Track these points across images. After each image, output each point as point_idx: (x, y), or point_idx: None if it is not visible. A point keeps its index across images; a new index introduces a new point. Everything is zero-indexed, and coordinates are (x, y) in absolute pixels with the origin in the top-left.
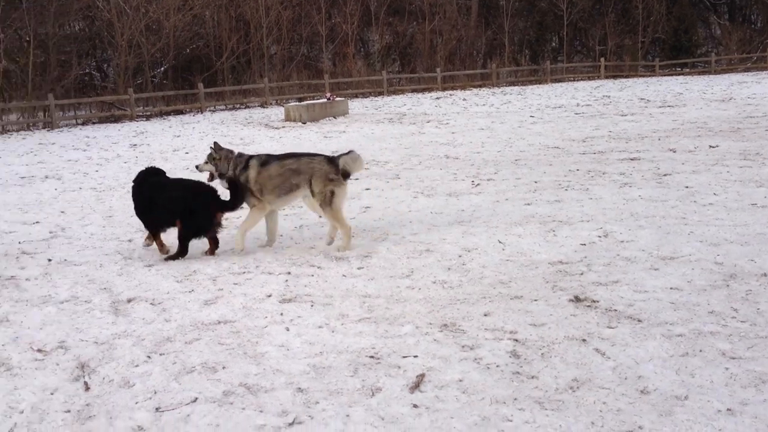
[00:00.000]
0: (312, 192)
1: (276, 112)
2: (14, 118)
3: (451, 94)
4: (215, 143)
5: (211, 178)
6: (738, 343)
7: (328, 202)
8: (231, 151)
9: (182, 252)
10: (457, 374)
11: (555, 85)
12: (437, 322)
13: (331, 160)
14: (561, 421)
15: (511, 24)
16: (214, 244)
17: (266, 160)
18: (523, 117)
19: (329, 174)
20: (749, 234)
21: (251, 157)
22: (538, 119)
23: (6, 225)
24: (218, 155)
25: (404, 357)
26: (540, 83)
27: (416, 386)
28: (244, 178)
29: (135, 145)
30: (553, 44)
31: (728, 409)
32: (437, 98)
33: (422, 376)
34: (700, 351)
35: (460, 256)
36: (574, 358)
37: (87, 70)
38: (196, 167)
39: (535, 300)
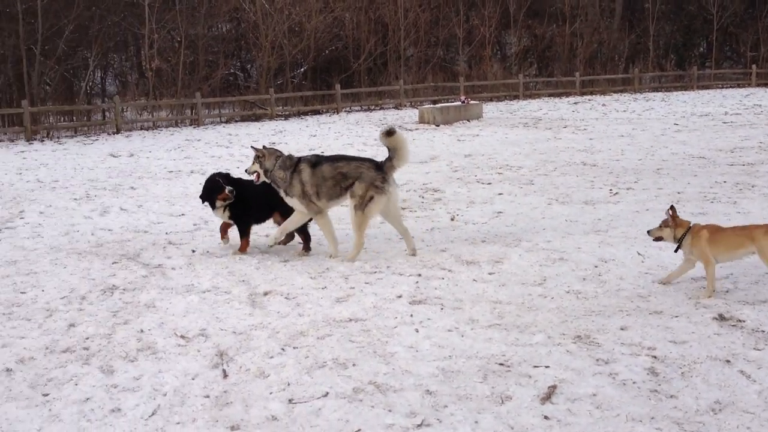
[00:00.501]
0: (352, 194)
1: (410, 114)
2: (164, 114)
3: (589, 99)
4: (263, 146)
5: (258, 178)
6: None
7: (362, 206)
8: (278, 152)
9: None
10: (590, 388)
11: (702, 92)
12: (570, 333)
13: (379, 167)
14: None
15: (657, 27)
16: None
17: (317, 161)
18: (667, 124)
19: (375, 180)
20: None
21: (300, 158)
22: (682, 127)
23: (155, 216)
24: (265, 155)
25: (535, 367)
26: (685, 89)
27: (547, 397)
28: (297, 180)
29: (273, 143)
30: (701, 49)
31: None
32: (575, 103)
33: (554, 387)
34: None
35: (596, 267)
36: (716, 379)
37: (232, 70)
38: (245, 170)
39: (676, 316)
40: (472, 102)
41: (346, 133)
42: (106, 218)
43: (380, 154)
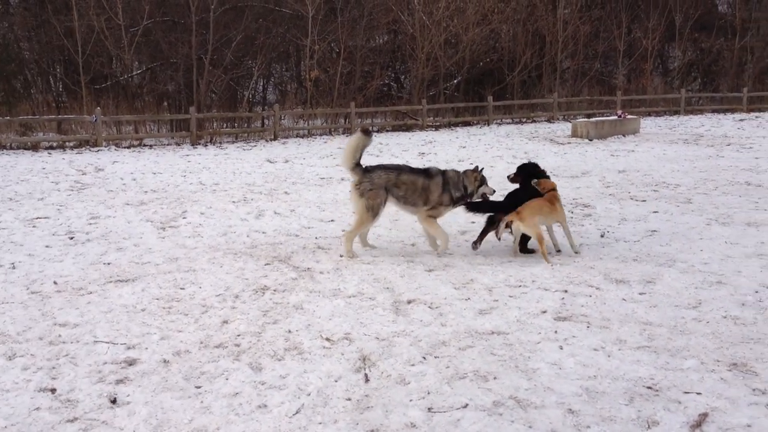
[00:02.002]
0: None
1: (562, 128)
2: (319, 123)
3: (757, 116)
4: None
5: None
6: None
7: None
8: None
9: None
10: (745, 419)
11: None
12: (726, 360)
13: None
14: None
15: None
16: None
17: None
18: None
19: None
20: None
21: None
22: None
23: (305, 221)
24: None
25: (686, 392)
26: None
27: (698, 425)
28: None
29: (423, 153)
30: None
31: None
32: (741, 120)
33: (705, 415)
34: None
35: (756, 292)
36: None
37: (386, 81)
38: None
39: None
40: (628, 116)
41: (495, 145)
42: (260, 221)
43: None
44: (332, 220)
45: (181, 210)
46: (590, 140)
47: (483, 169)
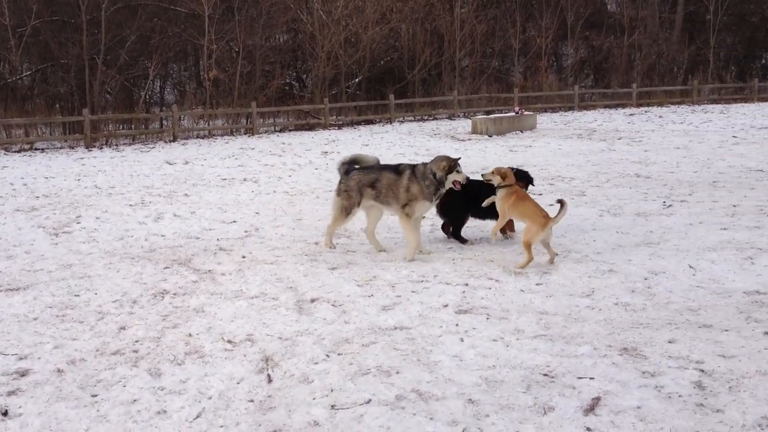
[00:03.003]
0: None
1: (463, 125)
2: (220, 123)
3: (646, 111)
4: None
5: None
6: None
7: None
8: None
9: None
10: (635, 401)
11: (762, 104)
12: (617, 345)
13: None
14: None
15: (718, 39)
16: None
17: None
18: (725, 137)
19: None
20: None
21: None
22: (741, 140)
23: (207, 223)
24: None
25: (580, 378)
26: (745, 102)
27: (591, 409)
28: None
29: (326, 152)
30: (763, 61)
31: None
32: (631, 114)
33: (598, 399)
34: None
35: (645, 279)
36: (765, 394)
37: (287, 80)
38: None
39: (726, 330)
40: (526, 113)
41: (398, 142)
42: (159, 224)
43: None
44: (234, 222)
45: (75, 215)
46: (490, 136)
47: (460, 158)
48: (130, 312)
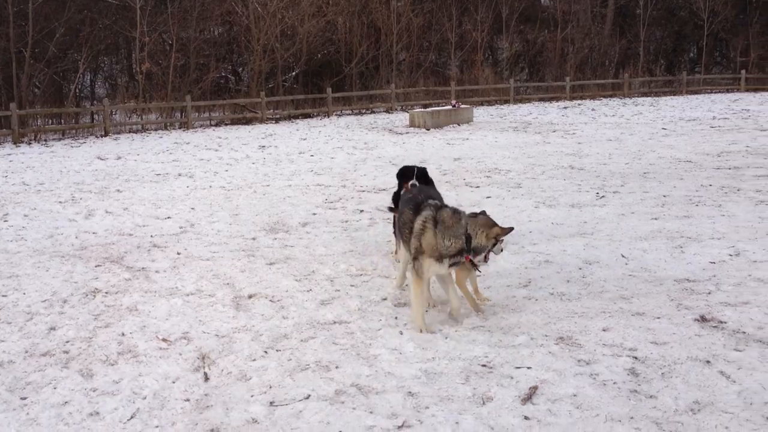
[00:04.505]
0: None
1: (401, 118)
2: (153, 117)
3: (579, 104)
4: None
5: None
6: None
7: None
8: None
9: None
10: (571, 389)
11: (691, 96)
12: (553, 335)
13: None
14: None
15: (648, 33)
16: None
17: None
18: (655, 129)
19: None
20: None
21: None
22: (670, 131)
23: (140, 219)
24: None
25: (517, 368)
26: (675, 94)
27: (528, 398)
28: None
29: (263, 146)
30: (691, 55)
31: None
32: (565, 107)
33: (535, 388)
34: None
35: (580, 269)
36: (696, 380)
37: (223, 74)
38: None
39: (658, 318)
40: (462, 106)
41: (336, 136)
42: (90, 221)
43: (369, 157)
44: (169, 218)
45: (1, 213)
46: (427, 129)
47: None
48: (60, 312)
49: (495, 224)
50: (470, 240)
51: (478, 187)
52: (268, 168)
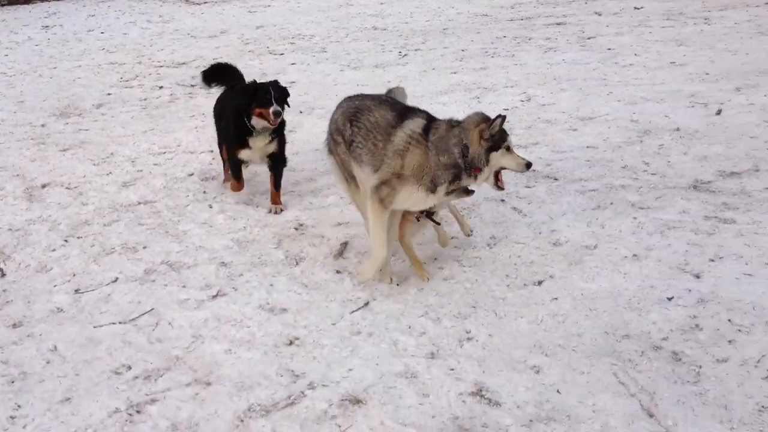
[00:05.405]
0: None
1: None
2: None
3: None
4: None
5: None
6: (647, 194)
7: None
8: None
9: None
10: None
11: None
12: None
13: None
14: (477, 276)
15: None
16: None
17: None
18: None
19: None
20: (665, 92)
21: None
22: None
23: None
24: None
25: (332, 227)
26: None
27: (340, 254)
28: None
29: (47, 26)
30: None
31: (634, 255)
32: None
33: (346, 243)
34: (611, 204)
35: None
36: (492, 218)
37: None
38: None
39: None
40: None
41: (128, 10)
42: None
43: (166, 31)
44: None
45: None
46: None
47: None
48: None
49: (483, 118)
50: (466, 149)
51: (282, 54)
52: (53, 49)
